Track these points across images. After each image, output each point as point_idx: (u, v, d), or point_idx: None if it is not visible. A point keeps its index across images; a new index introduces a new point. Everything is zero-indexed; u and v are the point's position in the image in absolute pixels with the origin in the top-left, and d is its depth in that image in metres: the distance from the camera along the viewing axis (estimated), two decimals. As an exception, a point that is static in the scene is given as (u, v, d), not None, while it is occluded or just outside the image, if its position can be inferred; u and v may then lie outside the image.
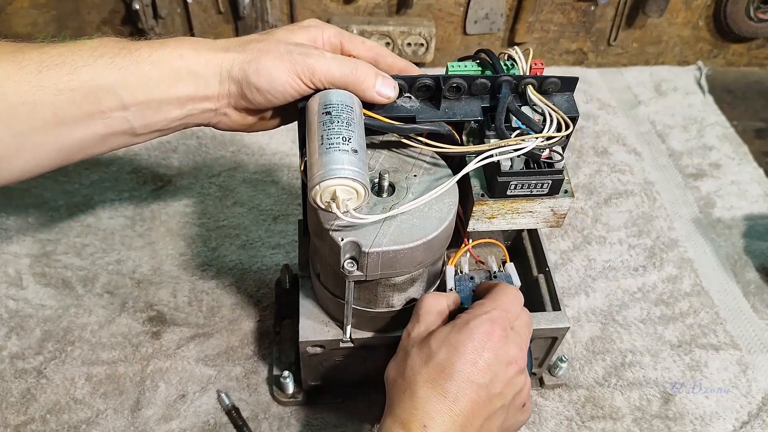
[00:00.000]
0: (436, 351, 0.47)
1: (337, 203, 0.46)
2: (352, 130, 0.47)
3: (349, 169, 0.45)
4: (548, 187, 0.52)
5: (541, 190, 0.52)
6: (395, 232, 0.49)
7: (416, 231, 0.49)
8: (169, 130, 0.51)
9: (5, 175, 0.49)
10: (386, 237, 0.49)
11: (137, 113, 0.48)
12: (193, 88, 0.49)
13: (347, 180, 0.45)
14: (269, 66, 0.48)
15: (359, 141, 0.47)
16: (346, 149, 0.46)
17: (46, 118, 0.46)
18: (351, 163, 0.45)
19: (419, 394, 0.45)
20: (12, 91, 0.45)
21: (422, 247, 0.50)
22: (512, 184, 0.51)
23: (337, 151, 0.45)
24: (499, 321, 0.48)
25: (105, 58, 0.47)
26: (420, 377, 0.46)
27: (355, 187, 0.45)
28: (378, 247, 0.48)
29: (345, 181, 0.45)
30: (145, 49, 0.48)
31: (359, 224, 0.48)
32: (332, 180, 0.45)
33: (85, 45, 0.47)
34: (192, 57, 0.48)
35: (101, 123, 0.48)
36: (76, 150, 0.49)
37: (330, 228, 0.49)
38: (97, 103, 0.47)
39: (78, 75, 0.46)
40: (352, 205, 0.46)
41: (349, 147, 0.46)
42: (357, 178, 0.45)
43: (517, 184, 0.51)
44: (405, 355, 0.49)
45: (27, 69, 0.46)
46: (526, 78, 0.53)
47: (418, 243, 0.49)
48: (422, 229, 0.50)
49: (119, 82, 0.47)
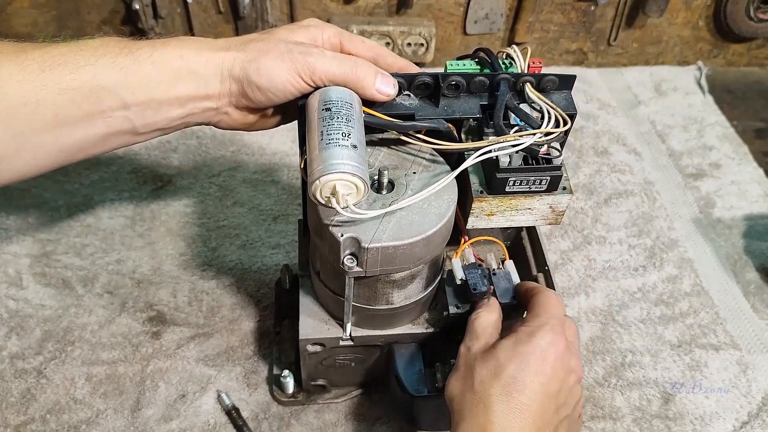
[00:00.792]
0: (505, 363, 0.47)
1: (336, 198, 0.46)
2: (352, 126, 0.47)
3: (349, 164, 0.45)
4: (547, 184, 0.52)
5: (539, 186, 0.52)
6: (395, 227, 0.49)
7: (416, 227, 0.50)
8: (170, 129, 0.52)
9: (5, 175, 0.49)
10: (386, 233, 0.49)
11: (138, 113, 0.48)
12: (194, 88, 0.49)
13: (347, 175, 0.45)
14: (269, 65, 0.48)
15: (359, 137, 0.47)
16: (346, 144, 0.46)
17: (47, 118, 0.46)
18: (350, 158, 0.45)
19: (494, 408, 0.46)
20: (14, 91, 0.45)
21: (422, 242, 0.50)
22: (511, 180, 0.51)
23: (337, 147, 0.46)
24: (559, 331, 0.49)
25: (107, 58, 0.47)
26: (493, 390, 0.46)
27: (354, 181, 0.45)
28: (377, 243, 0.48)
29: (344, 175, 0.45)
30: (147, 49, 0.48)
31: (359, 219, 0.48)
32: (332, 175, 0.45)
33: (87, 45, 0.47)
34: (193, 56, 0.48)
35: (102, 122, 0.48)
36: (77, 150, 0.49)
37: (330, 224, 0.49)
38: (98, 102, 0.47)
39: (80, 75, 0.46)
40: (351, 200, 0.47)
41: (348, 142, 0.46)
42: (356, 173, 0.45)
43: (515, 181, 0.51)
44: (469, 370, 0.49)
45: (29, 69, 0.46)
46: (524, 76, 0.53)
47: (418, 239, 0.49)
48: (422, 225, 0.50)
49: (120, 81, 0.47)
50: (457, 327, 0.57)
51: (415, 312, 0.60)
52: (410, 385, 0.59)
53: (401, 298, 0.56)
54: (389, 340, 0.61)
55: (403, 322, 0.60)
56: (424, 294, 0.58)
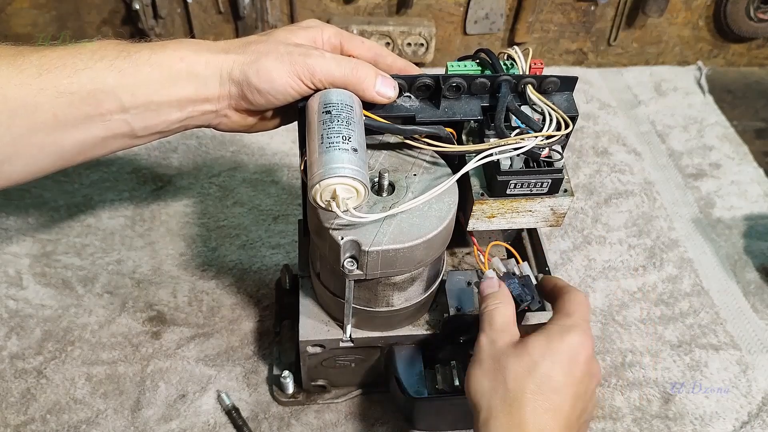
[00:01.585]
0: (539, 361, 0.47)
1: (337, 202, 0.46)
2: (352, 129, 0.47)
3: (349, 168, 0.45)
4: (548, 187, 0.52)
5: (540, 189, 0.52)
6: (395, 231, 0.49)
7: (416, 230, 0.50)
8: (170, 132, 0.51)
9: (4, 178, 0.49)
10: (386, 236, 0.49)
11: (137, 115, 0.48)
12: (193, 90, 0.49)
13: (347, 179, 0.45)
14: (269, 67, 0.48)
15: (359, 140, 0.47)
16: (346, 148, 0.46)
17: (46, 121, 0.46)
18: (351, 162, 0.45)
19: (529, 406, 0.46)
20: (12, 94, 0.45)
21: (422, 245, 0.50)
22: (512, 183, 0.51)
23: (337, 150, 0.46)
24: (589, 334, 0.49)
25: (105, 61, 0.47)
26: (528, 387, 0.46)
27: (355, 185, 0.45)
28: (378, 246, 0.48)
29: (345, 179, 0.45)
30: (145, 51, 0.48)
31: (359, 223, 0.48)
32: (332, 179, 0.45)
33: (85, 48, 0.47)
34: (192, 59, 0.48)
35: (101, 125, 0.48)
36: (76, 153, 0.49)
37: (330, 227, 0.49)
38: (97, 105, 0.47)
39: (78, 78, 0.46)
40: (352, 203, 0.46)
41: (349, 146, 0.46)
42: (357, 176, 0.45)
43: (516, 183, 0.51)
44: (498, 365, 0.48)
45: (27, 72, 0.46)
46: (525, 77, 0.53)
47: (418, 242, 0.49)
48: (422, 228, 0.50)
49: (119, 84, 0.47)
50: (457, 328, 0.57)
51: (415, 314, 0.60)
52: (410, 386, 0.59)
53: (401, 300, 0.56)
54: (389, 341, 0.61)
55: (403, 324, 0.60)
56: (425, 296, 0.58)
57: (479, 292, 0.54)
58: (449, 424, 0.64)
